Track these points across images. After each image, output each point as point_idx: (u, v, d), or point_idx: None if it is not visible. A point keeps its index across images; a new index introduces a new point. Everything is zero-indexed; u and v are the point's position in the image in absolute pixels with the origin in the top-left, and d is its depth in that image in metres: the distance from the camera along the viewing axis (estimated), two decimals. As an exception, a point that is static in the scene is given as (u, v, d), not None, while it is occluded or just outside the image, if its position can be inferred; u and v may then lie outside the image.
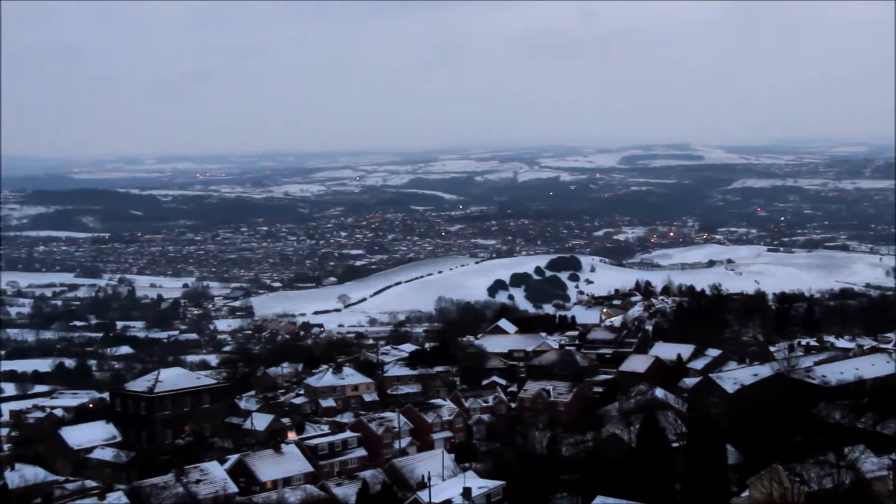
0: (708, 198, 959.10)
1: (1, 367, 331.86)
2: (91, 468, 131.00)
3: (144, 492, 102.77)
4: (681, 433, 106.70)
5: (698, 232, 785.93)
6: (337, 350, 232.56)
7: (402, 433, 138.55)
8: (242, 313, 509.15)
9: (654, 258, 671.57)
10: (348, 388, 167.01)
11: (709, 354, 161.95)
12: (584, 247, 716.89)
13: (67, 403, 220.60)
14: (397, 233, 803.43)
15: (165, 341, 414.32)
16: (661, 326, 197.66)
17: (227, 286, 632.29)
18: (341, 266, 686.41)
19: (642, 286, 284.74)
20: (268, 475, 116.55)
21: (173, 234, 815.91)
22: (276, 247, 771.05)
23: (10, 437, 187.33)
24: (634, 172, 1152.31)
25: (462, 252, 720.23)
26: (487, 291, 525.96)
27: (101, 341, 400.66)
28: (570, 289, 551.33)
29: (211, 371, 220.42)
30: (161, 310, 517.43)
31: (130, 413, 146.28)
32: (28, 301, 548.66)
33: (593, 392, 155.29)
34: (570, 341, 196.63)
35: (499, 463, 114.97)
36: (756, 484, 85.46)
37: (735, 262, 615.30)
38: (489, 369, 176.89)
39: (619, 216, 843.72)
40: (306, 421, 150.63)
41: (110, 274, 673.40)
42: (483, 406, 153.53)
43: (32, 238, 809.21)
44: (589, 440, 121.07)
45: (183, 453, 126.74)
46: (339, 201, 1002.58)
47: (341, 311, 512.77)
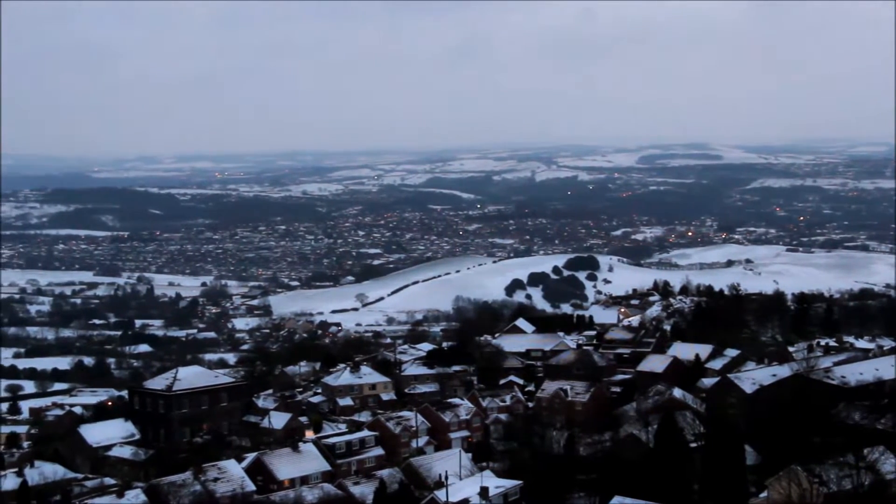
0: (726, 197, 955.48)
1: (21, 365, 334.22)
2: (109, 466, 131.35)
3: (162, 490, 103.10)
4: (699, 433, 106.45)
5: (717, 232, 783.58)
6: (354, 349, 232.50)
7: (420, 432, 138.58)
8: (260, 312, 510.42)
9: (672, 258, 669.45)
10: (366, 386, 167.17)
11: (727, 354, 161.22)
12: (601, 246, 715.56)
13: (86, 401, 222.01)
14: (415, 232, 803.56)
15: (184, 340, 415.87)
16: (679, 326, 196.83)
17: (245, 285, 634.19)
18: (359, 265, 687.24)
19: (660, 286, 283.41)
20: (285, 474, 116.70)
21: (192, 233, 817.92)
22: (293, 246, 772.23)
23: (29, 434, 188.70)
24: (653, 172, 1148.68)
25: (480, 251, 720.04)
26: (505, 291, 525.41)
27: (120, 339, 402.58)
28: (588, 288, 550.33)
29: (229, 369, 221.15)
30: (179, 308, 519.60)
31: (149, 411, 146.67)
32: (48, 299, 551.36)
33: (611, 392, 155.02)
34: (588, 341, 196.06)
35: (516, 462, 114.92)
36: (774, 485, 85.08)
37: (754, 262, 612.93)
38: (507, 369, 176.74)
39: (638, 216, 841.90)
40: (324, 420, 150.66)
41: (129, 272, 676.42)
42: (500, 405, 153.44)
43: (52, 236, 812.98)
44: (606, 440, 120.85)
45: (201, 451, 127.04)
46: (357, 200, 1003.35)
47: (359, 310, 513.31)
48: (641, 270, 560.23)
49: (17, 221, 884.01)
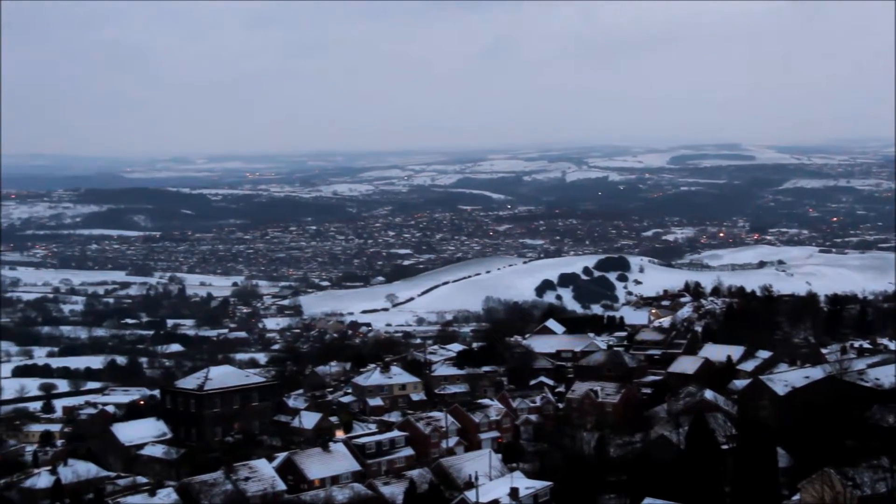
0: (759, 198, 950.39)
1: (54, 364, 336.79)
2: (142, 464, 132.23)
3: (194, 489, 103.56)
4: (730, 435, 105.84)
5: (749, 233, 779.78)
6: (385, 349, 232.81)
7: (450, 433, 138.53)
8: (291, 312, 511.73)
9: (703, 259, 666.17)
10: (396, 387, 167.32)
11: (759, 356, 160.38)
12: (632, 247, 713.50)
13: (119, 400, 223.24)
14: (445, 232, 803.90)
15: (215, 339, 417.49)
16: (710, 328, 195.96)
17: (275, 285, 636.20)
18: (389, 265, 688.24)
19: (691, 287, 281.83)
20: (316, 473, 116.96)
21: (223, 233, 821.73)
22: (324, 246, 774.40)
23: (63, 432, 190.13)
24: (684, 172, 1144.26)
25: (510, 252, 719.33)
26: (535, 291, 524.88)
27: (152, 339, 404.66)
28: (619, 289, 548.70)
29: (260, 369, 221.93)
30: (211, 308, 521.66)
31: (180, 410, 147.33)
32: (81, 299, 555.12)
33: (642, 393, 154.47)
34: (619, 342, 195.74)
35: (546, 463, 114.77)
36: (807, 488, 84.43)
37: (786, 264, 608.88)
38: (537, 369, 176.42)
39: (669, 216, 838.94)
40: (354, 420, 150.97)
41: (161, 272, 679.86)
42: (530, 406, 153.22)
43: (85, 236, 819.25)
44: (637, 441, 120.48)
45: (232, 451, 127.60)
46: (388, 201, 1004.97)
47: (389, 311, 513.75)
48: (672, 271, 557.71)
49: (51, 221, 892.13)
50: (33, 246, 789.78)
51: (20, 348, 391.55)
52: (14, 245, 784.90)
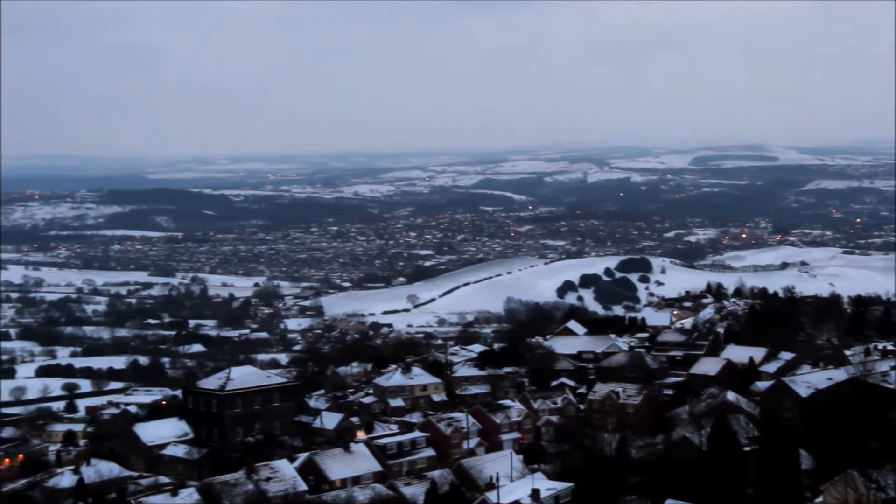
0: (781, 199, 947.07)
1: (77, 364, 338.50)
2: (164, 464, 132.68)
3: (216, 489, 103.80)
4: (753, 437, 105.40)
5: (771, 234, 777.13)
6: (406, 350, 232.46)
7: (471, 433, 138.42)
8: (312, 313, 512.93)
9: (725, 260, 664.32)
10: (417, 387, 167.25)
11: (782, 358, 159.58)
12: (654, 248, 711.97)
13: (141, 400, 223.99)
14: (466, 233, 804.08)
15: (236, 340, 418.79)
16: (732, 329, 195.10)
17: (297, 285, 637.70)
18: (410, 266, 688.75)
19: (713, 288, 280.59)
20: (337, 474, 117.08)
21: (245, 234, 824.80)
22: (345, 247, 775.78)
23: (86, 432, 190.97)
24: (706, 173, 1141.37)
25: (531, 253, 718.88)
26: (556, 292, 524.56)
27: (174, 339, 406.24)
28: (640, 290, 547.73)
29: (281, 370, 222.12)
30: (232, 308, 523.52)
31: (202, 410, 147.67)
32: (103, 299, 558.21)
33: (663, 394, 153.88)
34: (640, 343, 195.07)
35: (567, 465, 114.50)
36: (830, 490, 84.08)
37: (809, 265, 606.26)
38: (558, 370, 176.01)
39: (691, 217, 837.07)
40: (375, 420, 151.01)
41: (183, 273, 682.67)
42: (552, 407, 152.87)
43: (108, 237, 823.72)
44: (659, 443, 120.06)
45: (253, 451, 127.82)
46: (409, 201, 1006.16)
47: (410, 311, 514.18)
48: (694, 272, 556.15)
49: (74, 222, 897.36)
50: (56, 247, 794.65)
51: (43, 348, 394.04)
52: (38, 245, 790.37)
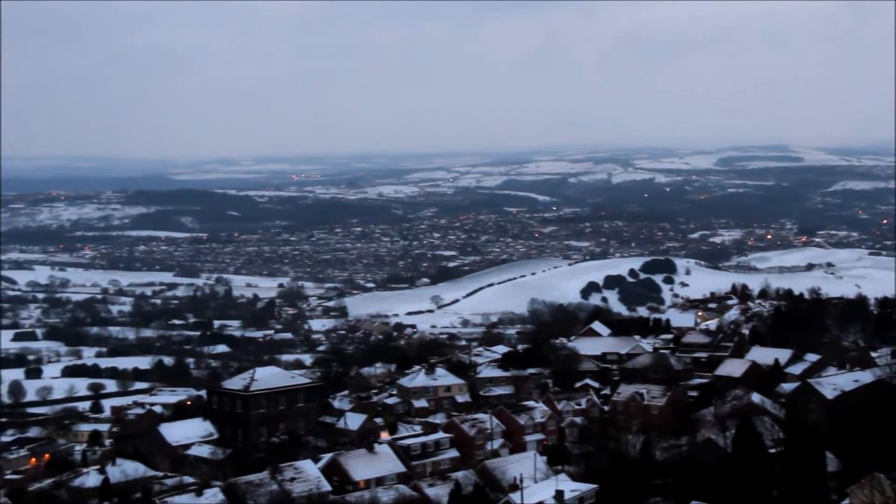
0: (807, 200, 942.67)
1: (103, 364, 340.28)
2: (188, 464, 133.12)
3: (240, 489, 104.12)
4: (778, 439, 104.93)
5: (797, 235, 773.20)
6: (429, 351, 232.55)
7: (495, 435, 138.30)
8: (336, 313, 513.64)
9: (750, 261, 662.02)
10: (441, 388, 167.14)
11: (807, 359, 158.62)
12: (678, 249, 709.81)
13: (166, 400, 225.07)
14: (490, 234, 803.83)
15: (261, 340, 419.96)
16: (757, 330, 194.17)
17: (321, 286, 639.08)
18: (434, 267, 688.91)
19: (738, 289, 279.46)
20: (361, 474, 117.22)
21: (269, 235, 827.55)
22: (369, 247, 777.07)
23: (111, 432, 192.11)
24: (731, 174, 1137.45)
25: (555, 254, 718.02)
26: (580, 293, 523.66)
27: (199, 340, 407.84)
28: (665, 291, 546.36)
29: (305, 370, 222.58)
30: (257, 309, 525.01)
31: (227, 411, 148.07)
32: (129, 299, 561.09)
33: (688, 396, 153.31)
34: (665, 344, 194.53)
35: (591, 466, 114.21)
36: (856, 492, 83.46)
37: (835, 266, 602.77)
38: (582, 372, 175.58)
39: (715, 218, 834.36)
40: (399, 421, 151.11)
41: (208, 273, 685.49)
42: (576, 409, 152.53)
43: (133, 238, 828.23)
44: (683, 445, 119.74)
45: (277, 451, 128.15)
46: (433, 202, 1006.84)
47: (434, 312, 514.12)
48: (719, 273, 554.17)
49: (99, 223, 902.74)
50: (82, 247, 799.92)
51: (69, 348, 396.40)
52: (64, 246, 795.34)
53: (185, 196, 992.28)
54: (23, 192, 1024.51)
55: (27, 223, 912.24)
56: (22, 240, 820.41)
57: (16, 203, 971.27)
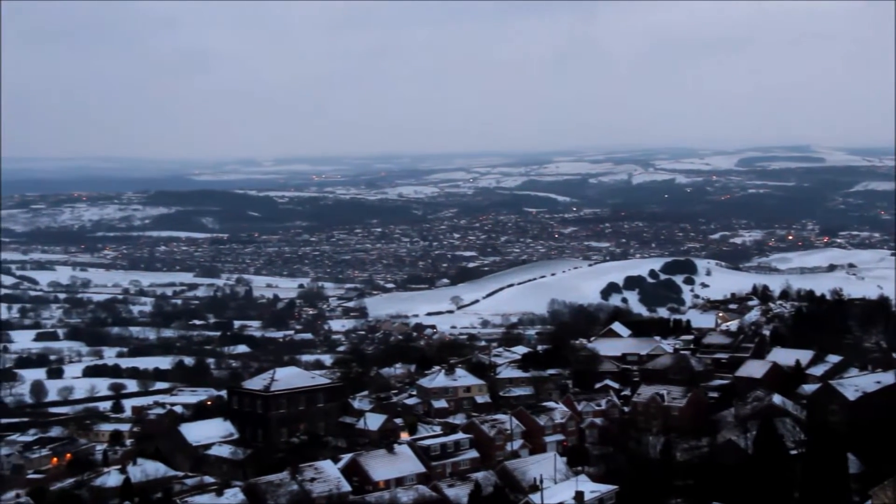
0: (829, 201, 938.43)
1: (124, 364, 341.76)
2: (209, 464, 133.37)
3: (260, 489, 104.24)
4: (799, 440, 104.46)
5: (818, 236, 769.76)
6: (449, 351, 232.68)
7: (514, 435, 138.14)
8: (356, 314, 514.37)
9: (771, 262, 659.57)
10: (460, 389, 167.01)
11: (829, 361, 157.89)
12: (699, 250, 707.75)
13: (186, 400, 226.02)
14: (510, 235, 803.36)
15: (281, 341, 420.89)
16: (778, 331, 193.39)
17: (341, 287, 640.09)
18: (454, 268, 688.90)
19: (759, 290, 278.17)
20: (381, 475, 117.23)
21: (289, 235, 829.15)
22: (389, 248, 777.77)
23: (132, 432, 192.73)
24: (752, 175, 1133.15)
25: (575, 254, 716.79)
26: (601, 294, 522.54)
27: (219, 340, 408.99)
28: (685, 292, 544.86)
29: (325, 371, 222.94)
30: (277, 310, 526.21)
31: (247, 411, 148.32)
32: (149, 300, 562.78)
33: (708, 397, 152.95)
34: (685, 345, 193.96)
35: (611, 467, 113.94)
36: (879, 494, 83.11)
37: (857, 267, 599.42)
38: (602, 372, 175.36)
39: (736, 219, 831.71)
40: (419, 422, 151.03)
41: (228, 274, 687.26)
42: (596, 409, 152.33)
43: (154, 238, 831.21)
44: (704, 446, 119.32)
45: (297, 451, 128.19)
46: (453, 203, 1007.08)
47: (454, 313, 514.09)
48: (740, 274, 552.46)
49: (120, 223, 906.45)
50: (103, 248, 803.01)
51: (91, 348, 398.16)
52: (85, 247, 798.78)
53: (205, 196, 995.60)
54: (45, 192, 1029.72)
55: (49, 223, 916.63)
56: (44, 240, 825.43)
57: (38, 203, 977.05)
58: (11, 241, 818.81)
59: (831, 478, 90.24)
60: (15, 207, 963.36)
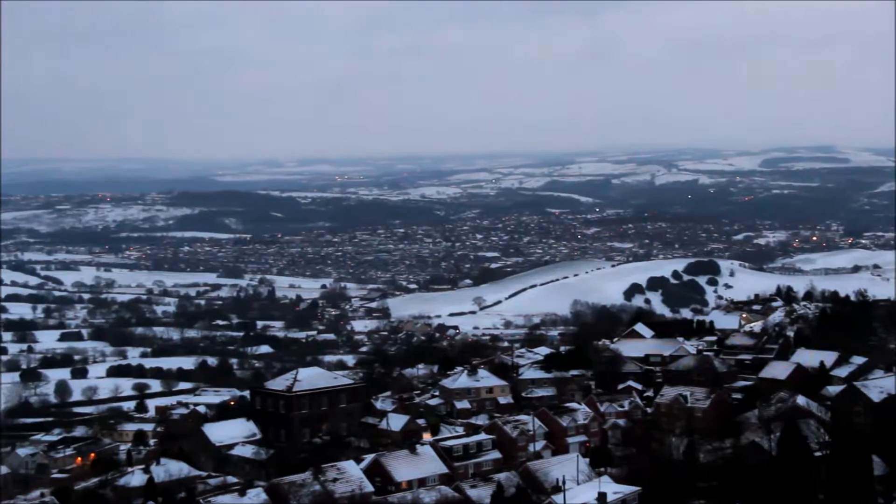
0: (853, 201, 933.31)
1: (147, 364, 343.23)
2: (232, 464, 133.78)
3: (283, 489, 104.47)
4: (824, 442, 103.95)
5: (843, 236, 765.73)
6: (472, 352, 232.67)
7: (537, 436, 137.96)
8: (379, 314, 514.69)
9: (795, 263, 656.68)
10: (483, 390, 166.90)
11: (853, 362, 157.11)
12: (722, 251, 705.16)
13: (210, 400, 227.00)
14: (533, 235, 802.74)
15: (304, 341, 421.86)
16: (803, 333, 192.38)
17: (363, 287, 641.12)
18: (477, 268, 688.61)
19: (783, 291, 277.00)
20: (403, 475, 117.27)
21: (312, 236, 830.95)
22: (412, 249, 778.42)
23: (155, 432, 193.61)
24: (776, 175, 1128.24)
25: (598, 255, 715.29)
26: (624, 295, 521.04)
27: (242, 340, 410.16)
28: (709, 293, 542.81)
29: (348, 371, 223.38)
30: (300, 310, 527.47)
31: (270, 411, 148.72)
32: (173, 300, 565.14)
33: (732, 398, 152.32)
34: (708, 346, 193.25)
35: (634, 468, 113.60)
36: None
37: (882, 268, 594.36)
38: (625, 374, 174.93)
39: (760, 220, 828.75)
40: (441, 422, 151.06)
41: (251, 274, 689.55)
42: (618, 411, 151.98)
43: (178, 239, 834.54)
44: (727, 447, 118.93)
45: (320, 452, 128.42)
46: (475, 204, 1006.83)
47: (476, 314, 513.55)
48: (764, 275, 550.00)
49: (144, 224, 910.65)
50: (127, 248, 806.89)
51: (114, 349, 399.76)
52: (109, 247, 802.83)
53: (229, 197, 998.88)
54: (69, 193, 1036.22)
55: (73, 224, 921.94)
56: (68, 241, 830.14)
57: (63, 204, 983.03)
58: (36, 241, 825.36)
59: (856, 480, 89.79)
60: (40, 208, 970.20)
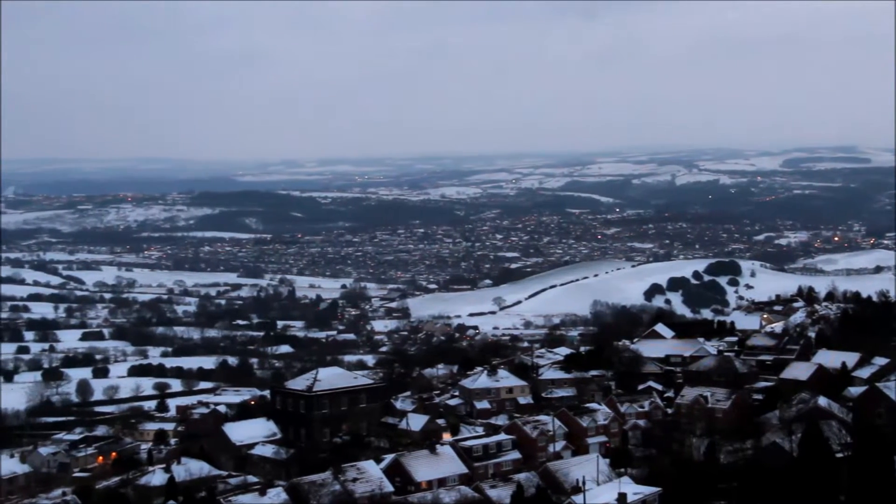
0: (875, 202, 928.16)
1: (168, 364, 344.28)
2: (252, 464, 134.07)
3: (303, 488, 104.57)
4: (845, 443, 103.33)
5: (865, 237, 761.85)
6: (492, 352, 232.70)
7: (557, 437, 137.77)
8: (399, 314, 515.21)
9: (817, 263, 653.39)
10: (503, 390, 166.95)
11: (875, 363, 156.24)
12: (743, 251, 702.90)
13: (230, 400, 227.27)
14: (553, 235, 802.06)
15: (324, 341, 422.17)
16: (824, 333, 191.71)
17: (383, 287, 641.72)
18: (496, 268, 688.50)
19: (805, 292, 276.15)
20: (423, 475, 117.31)
21: (332, 236, 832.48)
22: (432, 249, 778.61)
23: (176, 431, 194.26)
24: (797, 175, 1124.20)
25: (618, 255, 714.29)
26: (644, 295, 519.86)
27: (263, 340, 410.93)
28: (730, 294, 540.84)
29: (368, 371, 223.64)
30: (320, 310, 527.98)
31: (290, 411, 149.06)
32: (194, 300, 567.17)
33: (753, 399, 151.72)
34: (729, 347, 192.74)
35: (655, 469, 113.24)
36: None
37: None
38: (645, 374, 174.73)
39: (781, 220, 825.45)
40: (461, 422, 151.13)
41: (271, 274, 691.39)
42: (639, 411, 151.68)
43: (198, 238, 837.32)
44: (748, 448, 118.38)
45: (340, 451, 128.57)
46: (495, 204, 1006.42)
47: (496, 314, 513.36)
48: (785, 276, 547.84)
49: (165, 224, 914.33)
50: (148, 248, 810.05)
51: (136, 348, 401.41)
52: (130, 247, 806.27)
53: (249, 197, 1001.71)
54: (91, 193, 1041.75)
55: (95, 224, 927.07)
56: (90, 240, 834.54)
57: (84, 204, 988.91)
58: (58, 241, 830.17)
59: (878, 481, 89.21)
60: (62, 208, 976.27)
